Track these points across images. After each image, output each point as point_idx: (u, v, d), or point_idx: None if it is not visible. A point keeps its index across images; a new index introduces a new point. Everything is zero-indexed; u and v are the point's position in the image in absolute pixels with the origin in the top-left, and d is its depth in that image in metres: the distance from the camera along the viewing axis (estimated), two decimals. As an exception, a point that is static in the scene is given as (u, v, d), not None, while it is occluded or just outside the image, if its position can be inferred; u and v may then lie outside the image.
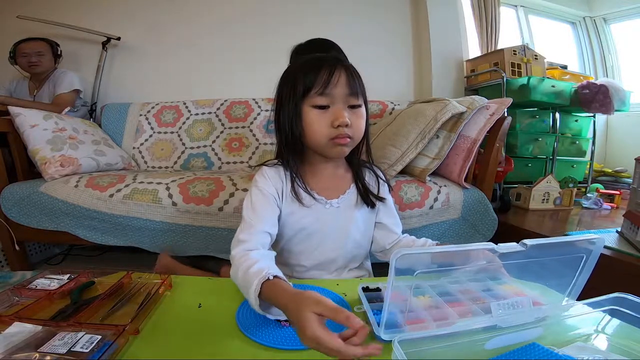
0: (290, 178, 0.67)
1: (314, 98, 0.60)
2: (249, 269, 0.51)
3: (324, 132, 0.61)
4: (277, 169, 0.69)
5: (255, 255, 0.56)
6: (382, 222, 0.76)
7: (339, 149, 0.63)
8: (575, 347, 0.43)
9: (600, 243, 0.47)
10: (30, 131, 1.39)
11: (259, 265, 0.52)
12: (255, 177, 0.69)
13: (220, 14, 2.18)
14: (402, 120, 1.51)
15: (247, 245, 0.59)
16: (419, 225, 1.30)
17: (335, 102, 0.60)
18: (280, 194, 0.67)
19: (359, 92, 0.62)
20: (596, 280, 0.50)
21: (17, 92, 1.86)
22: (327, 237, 0.71)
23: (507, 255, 0.45)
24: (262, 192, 0.66)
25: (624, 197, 1.94)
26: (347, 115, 0.60)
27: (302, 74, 0.61)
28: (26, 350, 0.38)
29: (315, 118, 0.61)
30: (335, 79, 0.59)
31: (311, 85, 0.59)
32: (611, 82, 2.04)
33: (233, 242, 0.61)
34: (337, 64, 0.60)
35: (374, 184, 0.75)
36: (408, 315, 0.47)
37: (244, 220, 0.64)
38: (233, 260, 0.57)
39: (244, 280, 0.51)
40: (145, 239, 1.25)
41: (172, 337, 0.46)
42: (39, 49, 1.75)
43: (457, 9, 2.32)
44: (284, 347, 0.43)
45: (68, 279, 0.59)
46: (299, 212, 0.68)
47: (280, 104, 0.65)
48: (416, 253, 0.43)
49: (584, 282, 0.49)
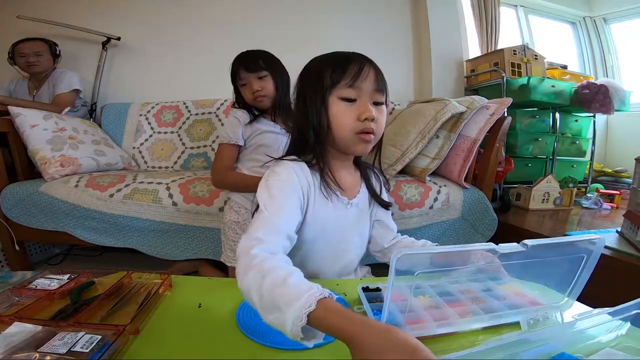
0: (320, 173, 0.63)
1: (342, 90, 0.59)
2: (288, 278, 0.40)
3: (350, 125, 0.59)
4: (302, 165, 0.62)
5: (286, 260, 0.47)
6: (381, 219, 0.76)
7: (364, 145, 0.61)
8: (604, 353, 0.42)
9: (600, 243, 0.47)
10: (30, 131, 1.39)
11: (299, 275, 0.42)
12: (274, 169, 0.61)
13: (221, 13, 2.17)
14: (402, 120, 1.51)
15: (269, 247, 0.48)
16: (419, 225, 1.30)
17: (362, 96, 0.59)
18: (307, 192, 0.61)
19: (384, 91, 0.62)
20: (596, 280, 0.50)
21: (17, 92, 1.86)
22: (347, 239, 0.69)
23: (507, 255, 0.45)
24: (288, 184, 0.58)
25: (624, 197, 1.94)
26: (373, 110, 0.59)
27: (330, 67, 0.60)
28: (26, 350, 0.38)
29: (342, 110, 0.59)
30: (365, 73, 0.59)
31: (340, 77, 0.58)
32: (611, 82, 2.04)
33: (245, 239, 0.49)
34: (367, 60, 0.61)
35: (378, 185, 0.75)
36: (408, 315, 0.47)
37: (261, 215, 0.54)
38: (248, 259, 0.45)
39: (275, 292, 0.39)
40: (145, 239, 1.25)
41: (172, 337, 0.46)
42: (37, 49, 1.74)
43: (457, 9, 2.32)
44: (284, 347, 0.43)
45: (68, 279, 0.58)
46: (323, 213, 0.64)
47: (303, 97, 0.63)
48: (417, 253, 0.43)
49: (585, 282, 0.49)
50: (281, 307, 0.37)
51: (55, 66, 1.86)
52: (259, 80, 1.06)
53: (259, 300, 0.40)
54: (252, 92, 1.06)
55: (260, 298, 0.40)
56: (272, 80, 1.08)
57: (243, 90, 1.09)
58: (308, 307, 0.36)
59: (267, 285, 0.40)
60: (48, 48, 1.80)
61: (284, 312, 0.37)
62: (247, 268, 0.43)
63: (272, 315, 0.39)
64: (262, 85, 1.06)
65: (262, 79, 1.07)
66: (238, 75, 1.08)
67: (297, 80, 0.66)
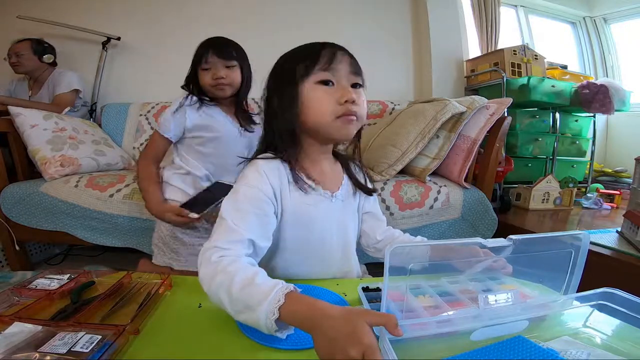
0: (291, 169, 0.60)
1: (318, 74, 0.57)
2: (254, 277, 0.44)
3: (329, 109, 0.57)
4: (274, 163, 0.60)
5: (249, 262, 0.49)
6: (370, 211, 0.74)
7: (347, 129, 0.59)
8: (561, 341, 0.43)
9: (586, 239, 0.48)
10: (31, 131, 1.39)
11: (264, 275, 0.45)
12: (244, 172, 0.59)
13: (220, 13, 2.18)
14: (402, 120, 1.51)
15: (230, 254, 0.49)
16: (419, 225, 1.30)
17: (340, 78, 0.58)
18: (279, 192, 0.59)
19: (361, 73, 0.60)
20: (596, 280, 0.50)
21: (17, 92, 1.87)
22: (338, 233, 0.66)
23: (500, 253, 0.45)
24: (253, 190, 0.56)
25: (624, 197, 1.94)
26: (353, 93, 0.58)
27: (302, 56, 0.59)
28: (26, 350, 0.38)
29: (320, 95, 0.57)
30: (339, 56, 0.58)
31: (314, 62, 0.57)
32: (611, 82, 2.04)
33: (207, 247, 0.50)
34: (338, 46, 0.60)
35: (361, 175, 0.73)
36: (407, 315, 0.47)
37: (223, 223, 0.52)
38: (212, 266, 0.47)
39: (245, 292, 0.42)
40: (145, 239, 1.25)
41: (172, 337, 0.46)
42: (17, 50, 1.74)
43: (457, 9, 2.32)
44: (284, 347, 0.43)
45: (68, 279, 0.58)
46: (304, 209, 0.62)
47: (275, 93, 0.61)
48: (410, 245, 0.44)
49: (578, 279, 0.50)
50: (252, 306, 0.41)
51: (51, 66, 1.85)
52: (226, 68, 1.03)
53: (229, 302, 0.43)
54: (215, 77, 1.02)
55: (230, 300, 0.43)
56: (239, 72, 1.06)
57: (203, 75, 1.03)
58: (277, 301, 0.40)
59: (236, 287, 0.43)
60: (30, 47, 1.76)
61: (255, 310, 0.40)
62: (213, 273, 0.46)
63: (245, 314, 0.42)
64: (228, 74, 1.03)
65: (230, 69, 1.04)
66: (205, 58, 1.02)
67: (267, 79, 0.64)
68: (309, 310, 0.39)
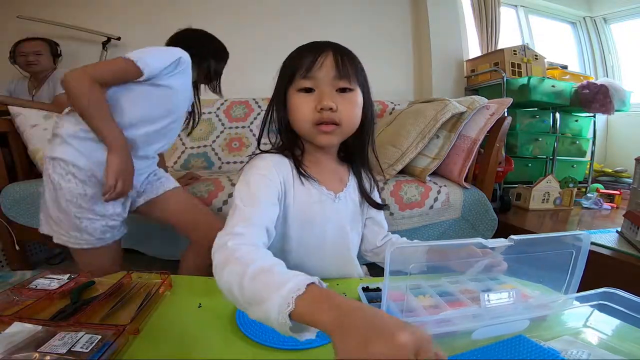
0: (295, 164, 0.62)
1: (298, 81, 0.58)
2: (273, 267, 0.38)
3: (307, 117, 0.57)
4: (280, 157, 0.62)
5: (269, 254, 0.44)
6: (373, 217, 0.74)
7: (324, 137, 0.59)
8: (562, 340, 0.43)
9: (587, 239, 0.48)
10: (31, 131, 1.39)
11: (284, 266, 0.40)
12: (252, 162, 0.60)
13: (220, 14, 2.18)
14: (402, 120, 1.51)
15: (250, 239, 0.46)
16: (419, 225, 1.30)
17: (320, 85, 0.57)
18: (285, 186, 0.60)
19: (350, 75, 0.58)
20: (596, 280, 0.50)
21: (17, 92, 1.86)
22: (340, 234, 0.66)
23: (502, 254, 0.45)
24: (265, 179, 0.56)
25: (624, 197, 1.95)
26: (332, 99, 0.56)
27: (289, 60, 0.61)
28: (26, 350, 0.38)
29: (299, 102, 0.58)
30: (320, 61, 0.57)
31: (295, 70, 0.58)
32: (611, 82, 2.04)
33: (223, 235, 0.47)
34: (325, 47, 0.58)
35: (368, 184, 0.72)
36: (407, 315, 0.47)
37: (237, 210, 0.52)
38: (228, 252, 0.42)
39: (259, 280, 0.36)
40: (145, 239, 1.25)
41: (172, 337, 0.46)
42: (36, 49, 1.74)
43: (457, 9, 2.33)
44: (284, 347, 0.43)
45: (68, 279, 0.58)
46: (307, 205, 0.62)
47: (274, 92, 0.63)
48: (410, 246, 0.44)
49: (579, 280, 0.50)
50: (266, 295, 0.34)
51: (55, 66, 1.86)
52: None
53: (240, 292, 0.37)
54: None
55: (241, 289, 0.37)
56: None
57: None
58: (297, 290, 0.32)
59: (250, 274, 0.37)
60: (48, 47, 1.79)
61: (268, 299, 0.33)
62: (226, 261, 0.41)
63: (257, 306, 0.35)
64: None
65: None
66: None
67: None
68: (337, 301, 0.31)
